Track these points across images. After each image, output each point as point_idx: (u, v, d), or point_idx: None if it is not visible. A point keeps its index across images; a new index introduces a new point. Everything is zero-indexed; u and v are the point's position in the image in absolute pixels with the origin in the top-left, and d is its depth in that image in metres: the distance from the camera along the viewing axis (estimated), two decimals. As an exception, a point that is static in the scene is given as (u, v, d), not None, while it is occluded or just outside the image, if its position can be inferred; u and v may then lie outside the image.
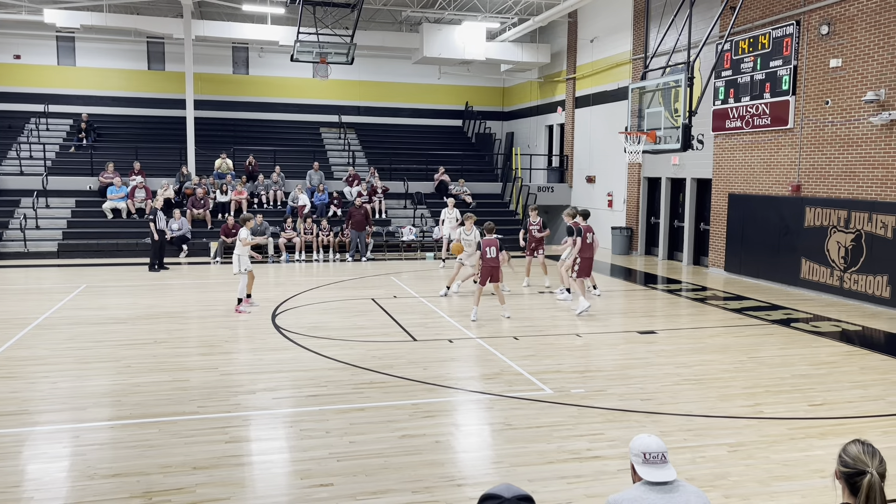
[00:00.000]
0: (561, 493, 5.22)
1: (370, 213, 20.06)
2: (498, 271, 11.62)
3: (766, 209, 15.22)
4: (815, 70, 13.96)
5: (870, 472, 2.72)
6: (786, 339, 10.29)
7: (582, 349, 9.83)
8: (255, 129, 26.29)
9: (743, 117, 15.78)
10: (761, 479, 5.50)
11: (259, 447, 6.21)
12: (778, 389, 7.84)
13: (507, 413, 7.02)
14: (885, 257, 12.41)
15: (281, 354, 9.23)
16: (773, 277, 14.98)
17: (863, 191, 12.97)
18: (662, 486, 3.04)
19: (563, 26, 23.78)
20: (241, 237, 12.03)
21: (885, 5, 12.40)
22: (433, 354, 9.29)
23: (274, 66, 26.85)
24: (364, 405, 7.20)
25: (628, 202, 20.61)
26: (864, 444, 2.85)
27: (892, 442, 6.20)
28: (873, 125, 12.60)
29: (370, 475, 5.52)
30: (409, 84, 28.36)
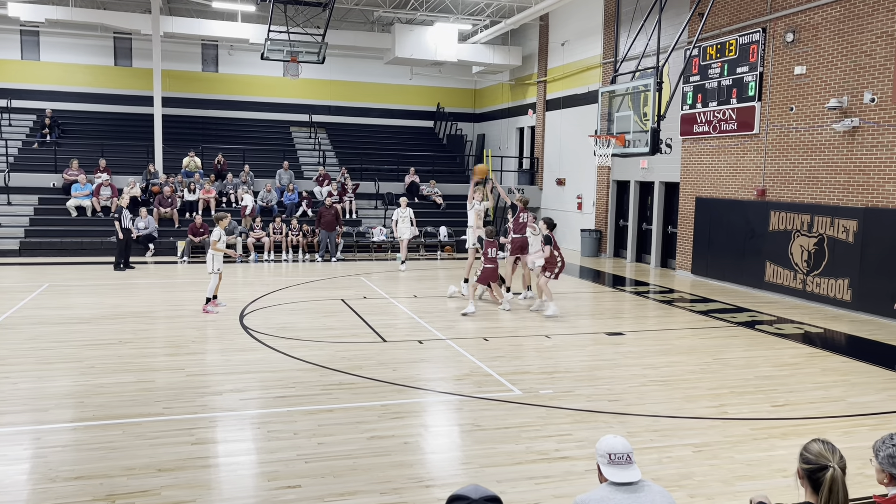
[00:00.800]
0: (529, 494, 5.25)
1: (340, 213, 19.98)
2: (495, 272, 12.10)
3: (732, 213, 15.47)
4: (780, 77, 14.23)
5: (832, 467, 2.79)
6: (750, 341, 10.46)
7: (551, 350, 9.89)
8: (224, 127, 26.01)
9: (710, 122, 16.03)
10: (725, 478, 5.59)
11: (226, 449, 6.14)
12: (742, 390, 7.98)
13: (476, 414, 7.04)
14: (847, 261, 12.70)
15: (249, 355, 9.13)
16: (739, 280, 15.23)
17: (825, 196, 13.26)
18: (628, 487, 3.08)
19: (534, 29, 23.93)
20: (213, 237, 11.87)
21: (848, 14, 12.70)
22: (403, 355, 9.27)
23: (244, 64, 26.60)
24: (333, 406, 7.16)
25: (597, 205, 20.80)
26: (824, 443, 2.92)
27: (853, 442, 6.34)
28: (836, 132, 12.89)
29: (338, 476, 5.49)
30: (380, 84, 28.30)
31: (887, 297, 11.55)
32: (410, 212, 18.04)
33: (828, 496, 2.76)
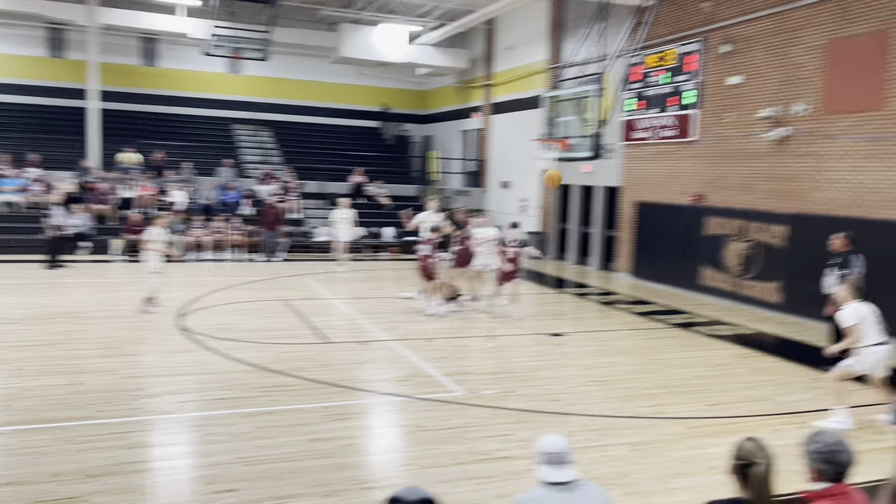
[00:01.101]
0: (470, 494, 5.28)
1: (283, 212, 19.70)
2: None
3: (670, 217, 15.87)
4: (717, 86, 14.67)
5: (760, 464, 2.89)
6: (686, 342, 10.76)
7: (494, 351, 9.97)
8: (163, 123, 25.32)
9: (650, 128, 16.42)
10: (660, 476, 5.73)
11: (161, 453, 5.98)
12: (678, 390, 8.19)
13: (418, 415, 7.04)
14: (777, 265, 13.18)
15: (186, 357, 8.92)
16: (676, 283, 15.63)
17: (758, 202, 13.73)
18: (565, 486, 3.12)
19: (480, 33, 24.08)
20: (146, 237, 11.51)
21: (780, 28, 13.18)
22: (346, 357, 9.20)
23: (185, 59, 25.95)
24: (273, 408, 7.06)
25: (541, 208, 21.06)
26: (755, 441, 3.03)
27: (781, 440, 6.57)
28: (768, 140, 13.36)
29: (277, 479, 5.41)
30: (326, 83, 28.02)
31: (814, 299, 12.02)
32: (353, 213, 17.63)
33: (756, 492, 2.86)
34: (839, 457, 3.04)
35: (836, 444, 3.06)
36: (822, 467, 3.07)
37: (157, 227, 11.59)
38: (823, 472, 3.07)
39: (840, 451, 3.05)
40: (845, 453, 3.06)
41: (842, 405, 6.95)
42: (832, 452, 3.04)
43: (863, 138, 11.65)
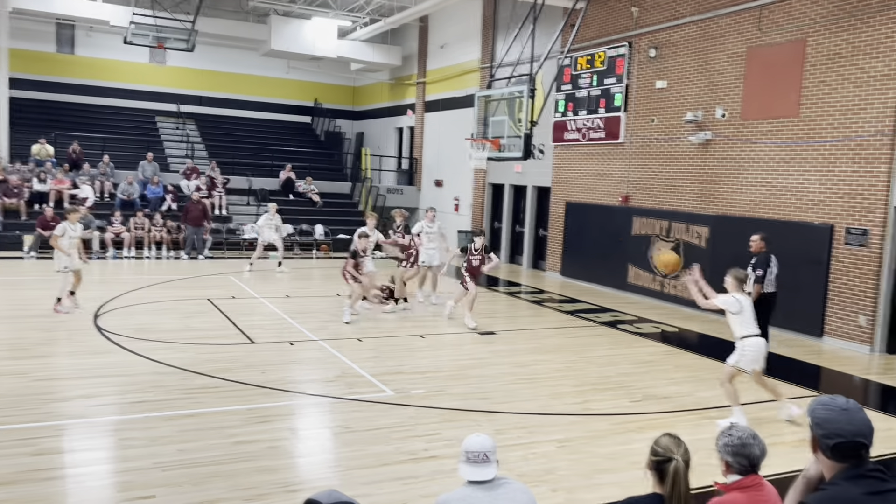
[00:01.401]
0: (396, 495, 5.21)
1: (209, 208, 19.14)
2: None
3: (598, 218, 16.18)
4: (643, 89, 15.04)
5: (675, 459, 2.94)
6: (613, 340, 10.98)
7: (424, 350, 9.93)
8: (81, 113, 24.24)
9: (580, 130, 16.70)
10: (585, 472, 5.80)
11: (72, 459, 5.69)
12: (604, 387, 8.34)
13: (346, 416, 6.93)
14: (700, 265, 13.55)
15: (102, 359, 8.54)
16: (604, 282, 15.95)
17: (682, 203, 14.14)
18: (488, 484, 3.12)
19: (414, 30, 24.00)
20: (56, 233, 10.92)
21: (703, 34, 13.61)
22: (272, 357, 8.99)
23: (105, 47, 24.90)
24: (195, 411, 6.81)
25: (474, 207, 21.16)
26: (672, 437, 3.08)
27: (700, 434, 6.76)
28: (692, 143, 13.77)
29: (198, 484, 5.22)
30: (255, 76, 27.39)
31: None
32: (278, 218, 16.84)
33: (671, 487, 2.90)
34: (749, 450, 3.11)
35: (747, 438, 3.13)
36: (733, 460, 3.14)
37: (68, 222, 11.02)
38: (735, 465, 3.15)
39: (750, 445, 3.12)
40: (756, 447, 3.14)
41: (736, 404, 7.09)
42: (742, 446, 3.11)
43: (778, 143, 12.15)
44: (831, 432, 2.43)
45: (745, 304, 7.12)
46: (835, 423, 2.44)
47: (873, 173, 10.72)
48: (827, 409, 2.49)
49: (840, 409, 2.47)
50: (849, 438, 2.41)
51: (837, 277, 11.21)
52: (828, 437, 2.44)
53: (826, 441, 2.44)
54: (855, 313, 10.95)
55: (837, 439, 2.42)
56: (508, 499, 3.09)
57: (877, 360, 10.44)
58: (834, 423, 2.44)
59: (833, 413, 2.46)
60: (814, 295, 11.43)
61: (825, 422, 2.46)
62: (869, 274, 10.78)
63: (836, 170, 11.26)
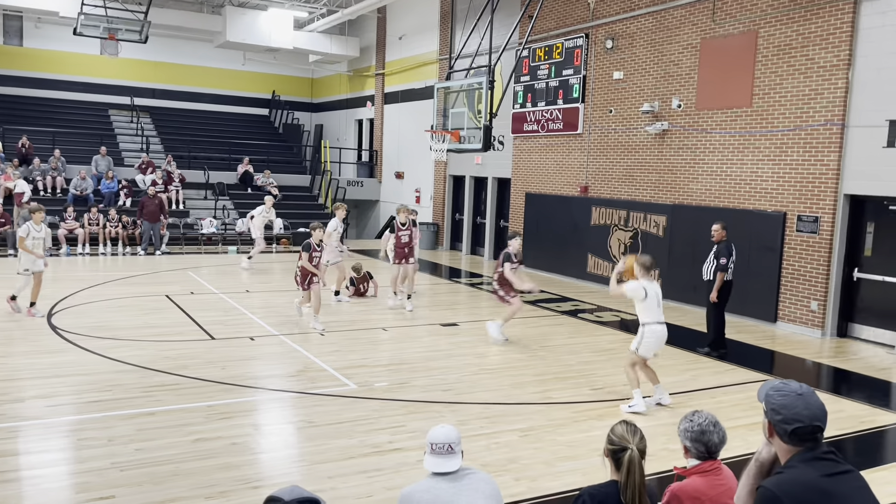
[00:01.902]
0: (361, 488, 5.22)
1: (165, 203, 18.79)
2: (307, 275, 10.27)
3: (558, 208, 16.33)
4: (601, 80, 15.19)
5: (630, 448, 3.00)
6: (573, 329, 11.11)
7: (387, 343, 9.92)
8: (30, 107, 23.54)
9: (539, 121, 16.81)
10: (548, 460, 5.88)
11: (27, 461, 5.56)
12: (565, 376, 8.44)
13: (309, 410, 6.90)
14: (657, 253, 13.77)
15: (57, 358, 8.35)
16: (564, 271, 16.12)
17: (640, 193, 14.35)
18: (452, 475, 3.14)
19: (372, 21, 23.84)
20: (21, 234, 10.55)
21: (659, 26, 13.80)
22: (232, 353, 8.89)
23: (54, 38, 24.21)
24: (154, 409, 6.71)
25: (435, 199, 21.17)
26: (628, 425, 3.14)
27: (657, 420, 6.91)
28: (649, 134, 13.98)
29: (158, 483, 5.15)
30: (210, 68, 26.92)
31: (690, 286, 12.72)
32: (273, 212, 16.93)
33: (626, 476, 2.97)
34: (708, 437, 3.20)
35: (707, 426, 3.21)
36: (692, 446, 3.22)
37: (28, 223, 10.63)
38: (693, 451, 3.23)
39: (710, 433, 3.20)
40: (715, 434, 3.22)
41: (635, 387, 7.13)
42: (702, 433, 3.19)
43: (732, 133, 12.40)
44: (789, 417, 2.47)
45: (650, 292, 7.10)
46: (792, 408, 2.48)
47: (823, 161, 11.02)
48: (782, 394, 2.52)
49: (795, 394, 2.52)
50: (807, 423, 2.46)
51: (790, 264, 11.51)
52: (786, 423, 2.48)
53: (784, 426, 2.48)
54: (807, 298, 11.27)
55: (796, 424, 2.46)
56: (472, 489, 3.12)
57: (828, 343, 10.77)
58: (791, 409, 2.48)
59: (789, 399, 2.50)
60: (767, 281, 11.73)
61: (782, 407, 2.50)
62: (820, 260, 11.09)
63: (787, 159, 11.54)
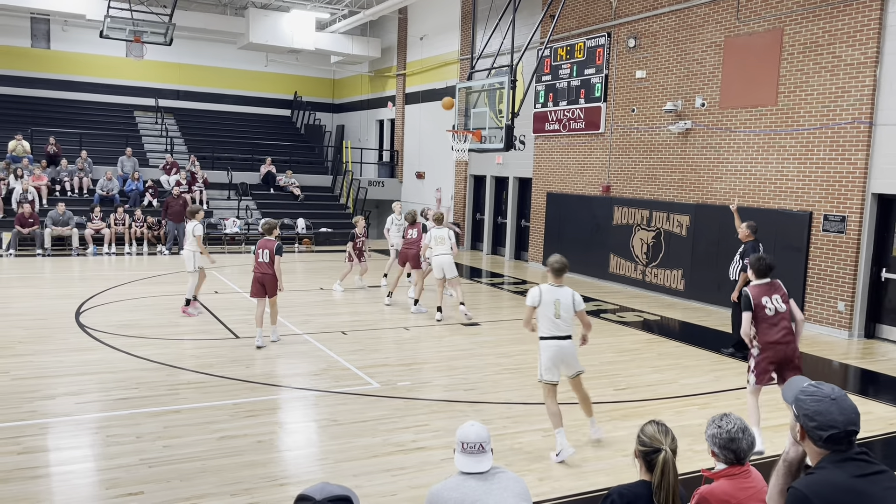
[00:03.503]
0: (385, 486, 5.24)
1: (189, 203, 18.98)
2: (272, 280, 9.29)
3: (579, 208, 16.27)
4: (623, 79, 15.11)
5: (664, 450, 2.97)
6: (595, 329, 10.96)
7: (409, 342, 9.95)
8: (57, 109, 23.92)
9: (560, 121, 16.75)
10: (572, 460, 5.86)
11: (58, 457, 5.65)
12: (587, 375, 8.34)
13: (332, 409, 6.94)
14: (681, 253, 13.73)
15: (86, 356, 8.48)
16: (586, 271, 16.05)
17: (662, 192, 14.25)
18: (480, 475, 3.12)
19: (393, 22, 23.90)
20: (197, 233, 10.67)
21: (682, 24, 13.69)
22: (256, 352, 8.96)
23: (81, 41, 24.56)
24: (180, 407, 6.80)
25: (455, 198, 21.18)
26: (658, 425, 3.11)
27: (683, 421, 6.86)
28: (672, 133, 13.87)
29: (185, 480, 5.22)
30: (233, 70, 27.16)
31: (714, 286, 12.61)
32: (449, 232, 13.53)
33: (660, 477, 2.94)
34: (737, 444, 3.15)
35: (736, 432, 3.16)
36: (721, 452, 3.19)
37: (195, 221, 10.86)
38: (722, 456, 3.19)
39: (738, 440, 3.15)
40: (744, 441, 3.17)
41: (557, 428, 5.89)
42: (731, 440, 3.15)
43: (757, 132, 12.27)
44: (824, 424, 2.42)
45: (544, 297, 5.86)
46: (827, 414, 2.43)
47: (851, 160, 10.87)
48: (815, 399, 2.47)
49: (829, 399, 2.46)
50: (842, 428, 2.41)
51: (816, 264, 11.37)
52: (821, 430, 2.42)
53: (819, 433, 2.43)
54: (833, 299, 11.12)
55: (831, 430, 2.41)
56: (502, 488, 3.10)
57: (855, 344, 10.62)
58: (826, 415, 2.42)
59: (823, 404, 2.45)
60: (793, 281, 11.58)
61: (816, 414, 2.44)
62: (847, 260, 10.94)
63: (814, 157, 11.40)
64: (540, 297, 5.88)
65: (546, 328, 5.89)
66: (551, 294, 5.89)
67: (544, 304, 5.87)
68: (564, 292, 5.94)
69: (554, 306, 5.86)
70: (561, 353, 5.92)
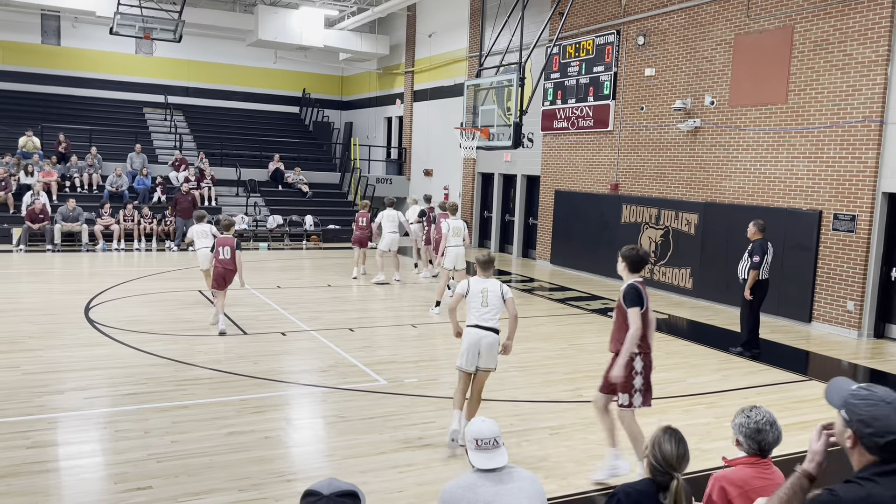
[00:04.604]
0: (392, 483, 5.25)
1: (198, 199, 19.06)
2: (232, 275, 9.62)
3: (588, 206, 16.23)
4: (632, 77, 15.06)
5: (677, 479, 2.90)
6: (603, 327, 11.02)
7: (416, 339, 9.96)
8: (67, 105, 24.03)
9: (569, 118, 16.71)
10: (579, 458, 5.86)
11: (67, 451, 5.69)
12: (596, 374, 8.32)
13: (340, 405, 6.95)
14: (689, 252, 13.69)
15: (94, 351, 8.52)
16: (594, 269, 16.02)
17: (671, 191, 14.21)
18: (495, 473, 3.06)
19: (402, 19, 23.89)
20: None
21: (692, 22, 13.63)
22: (265, 348, 9.00)
23: (91, 38, 24.66)
24: (188, 402, 6.83)
25: (463, 196, 21.16)
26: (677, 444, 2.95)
27: (691, 419, 6.84)
28: (681, 131, 13.82)
29: (193, 475, 5.24)
30: (242, 67, 27.21)
31: (722, 285, 12.56)
32: (399, 214, 14.47)
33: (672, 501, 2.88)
34: (763, 436, 3.13)
35: (764, 424, 3.14)
36: (746, 441, 3.16)
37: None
38: (746, 446, 3.17)
39: (765, 432, 3.13)
40: (771, 434, 3.14)
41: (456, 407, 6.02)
42: (757, 431, 3.12)
43: (767, 130, 12.21)
44: (882, 430, 2.27)
45: (474, 289, 5.91)
46: (885, 419, 2.28)
47: (861, 159, 10.80)
48: (870, 404, 2.32)
49: (885, 402, 2.31)
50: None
51: (825, 263, 11.31)
52: (878, 436, 2.27)
53: (876, 440, 2.28)
54: (843, 299, 11.07)
55: (890, 437, 2.26)
56: (517, 488, 3.04)
57: (864, 344, 10.56)
58: (884, 421, 2.28)
59: (879, 408, 2.30)
60: (802, 281, 11.54)
61: (873, 419, 2.29)
62: (857, 259, 10.88)
63: (824, 156, 11.34)
64: (464, 287, 5.96)
65: (472, 318, 5.95)
66: (479, 284, 5.95)
67: (474, 296, 5.92)
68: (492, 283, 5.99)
69: (481, 297, 5.90)
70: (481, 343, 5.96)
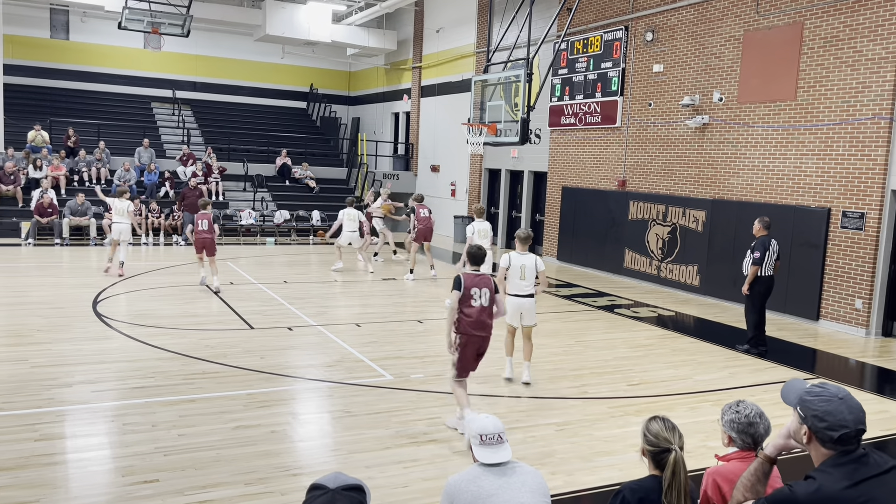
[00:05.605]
0: (397, 478, 5.27)
1: (206, 194, 19.10)
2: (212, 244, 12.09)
3: (595, 202, 16.20)
4: (640, 73, 15.01)
5: (674, 450, 2.93)
6: (609, 324, 11.02)
7: (422, 335, 9.96)
8: (76, 99, 24.11)
9: (576, 114, 16.67)
10: (584, 455, 5.86)
11: (74, 444, 5.72)
12: (601, 371, 8.39)
13: (346, 400, 6.97)
14: (696, 249, 13.65)
15: (102, 344, 8.57)
16: (601, 266, 16.00)
17: (678, 187, 14.16)
18: (499, 468, 3.10)
19: (409, 14, 23.86)
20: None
21: (700, 18, 13.57)
22: (271, 343, 9.02)
23: (99, 32, 24.73)
24: (195, 396, 6.86)
25: (470, 192, 21.15)
26: (663, 421, 3.07)
27: (697, 417, 6.83)
28: (689, 127, 13.77)
29: (200, 469, 5.27)
30: (250, 61, 27.24)
31: (730, 281, 12.52)
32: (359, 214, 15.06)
33: (671, 477, 2.90)
34: (755, 429, 3.14)
35: (754, 417, 3.15)
36: (737, 436, 3.17)
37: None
38: (738, 441, 3.17)
39: (756, 424, 3.14)
40: (761, 426, 3.16)
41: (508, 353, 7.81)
42: (749, 424, 3.13)
43: (775, 127, 12.15)
44: (835, 424, 2.43)
45: (513, 263, 7.49)
46: (837, 414, 2.44)
47: (871, 157, 10.74)
48: (824, 399, 2.48)
49: (837, 398, 2.47)
50: (852, 427, 2.42)
51: (834, 261, 11.26)
52: (831, 430, 2.43)
53: (829, 433, 2.44)
54: (851, 297, 11.02)
55: (842, 431, 2.42)
56: (520, 482, 3.08)
57: (872, 343, 10.52)
58: (836, 415, 2.44)
59: (833, 404, 2.46)
60: (810, 278, 11.49)
61: (826, 414, 2.45)
62: (865, 257, 10.83)
63: (833, 153, 11.28)
64: (510, 261, 7.43)
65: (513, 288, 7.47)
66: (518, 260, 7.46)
67: (513, 266, 7.45)
68: (529, 258, 7.49)
69: (521, 270, 7.42)
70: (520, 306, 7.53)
